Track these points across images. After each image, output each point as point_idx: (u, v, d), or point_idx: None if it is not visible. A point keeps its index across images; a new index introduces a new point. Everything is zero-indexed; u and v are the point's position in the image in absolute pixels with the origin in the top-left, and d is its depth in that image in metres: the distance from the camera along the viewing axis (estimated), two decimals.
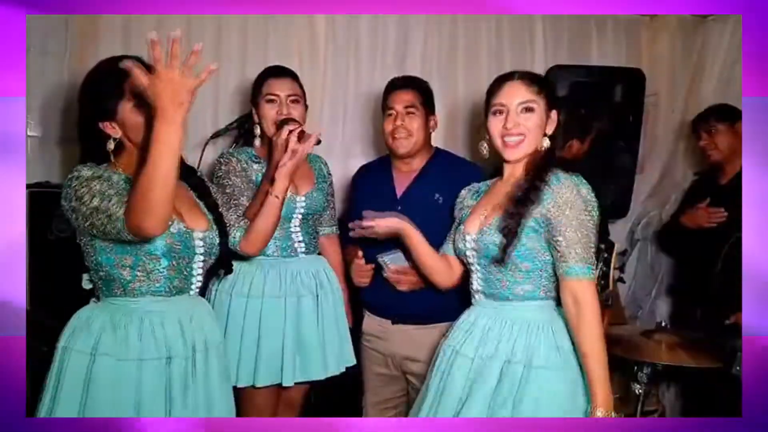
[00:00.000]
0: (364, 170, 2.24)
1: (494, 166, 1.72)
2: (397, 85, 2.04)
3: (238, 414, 1.90)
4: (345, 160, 2.72)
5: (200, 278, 1.53)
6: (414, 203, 2.00)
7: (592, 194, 1.48)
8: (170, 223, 1.39)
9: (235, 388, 1.85)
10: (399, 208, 2.00)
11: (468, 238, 1.60)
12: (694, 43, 3.10)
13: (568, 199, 1.45)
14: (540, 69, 2.73)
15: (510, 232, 1.47)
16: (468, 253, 1.60)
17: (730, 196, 2.43)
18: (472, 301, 1.64)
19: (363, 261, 1.98)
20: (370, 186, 2.14)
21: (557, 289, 1.52)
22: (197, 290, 1.54)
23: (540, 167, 1.52)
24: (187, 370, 1.46)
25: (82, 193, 1.32)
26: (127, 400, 1.38)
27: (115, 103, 1.40)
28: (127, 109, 1.40)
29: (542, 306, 1.55)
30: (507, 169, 1.62)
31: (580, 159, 2.52)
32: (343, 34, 2.70)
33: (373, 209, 2.06)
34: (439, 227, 1.78)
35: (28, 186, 2.12)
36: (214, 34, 2.54)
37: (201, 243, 1.49)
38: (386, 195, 2.06)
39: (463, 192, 1.76)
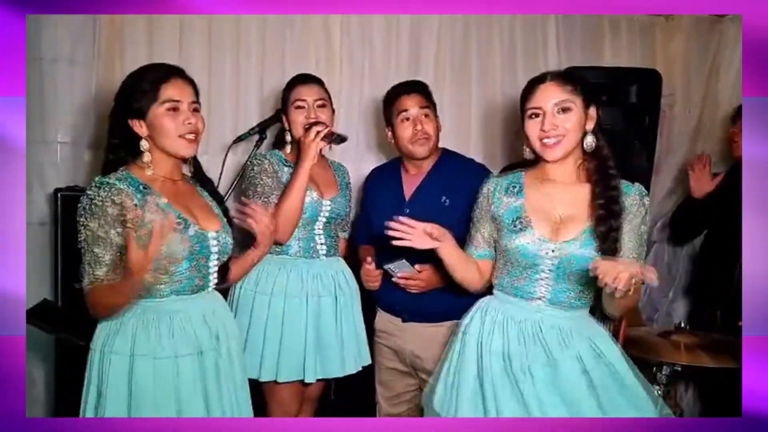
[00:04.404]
0: (375, 173, 2.26)
1: (502, 166, 1.73)
2: (404, 90, 2.06)
3: (264, 409, 1.98)
4: (359, 165, 2.74)
5: (215, 276, 1.60)
6: (421, 206, 2.01)
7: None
8: (186, 226, 1.47)
9: (258, 384, 1.92)
10: (407, 211, 1.99)
11: (548, 246, 1.54)
12: (710, 43, 3.08)
13: (639, 209, 1.56)
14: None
15: (616, 252, 1.49)
16: (546, 260, 1.54)
17: None
18: (518, 303, 1.59)
19: (373, 266, 2.00)
20: (381, 189, 2.17)
21: None
22: (213, 287, 1.61)
23: (606, 175, 1.54)
24: (217, 362, 1.53)
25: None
26: (168, 395, 1.44)
27: (148, 105, 1.48)
28: (158, 112, 1.48)
29: (586, 311, 1.62)
30: (551, 171, 1.60)
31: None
32: (358, 39, 2.73)
33: (383, 212, 2.06)
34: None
35: (59, 189, 2.23)
36: (233, 43, 2.59)
37: (215, 242, 1.56)
38: (395, 198, 2.09)
39: (488, 187, 1.67)
